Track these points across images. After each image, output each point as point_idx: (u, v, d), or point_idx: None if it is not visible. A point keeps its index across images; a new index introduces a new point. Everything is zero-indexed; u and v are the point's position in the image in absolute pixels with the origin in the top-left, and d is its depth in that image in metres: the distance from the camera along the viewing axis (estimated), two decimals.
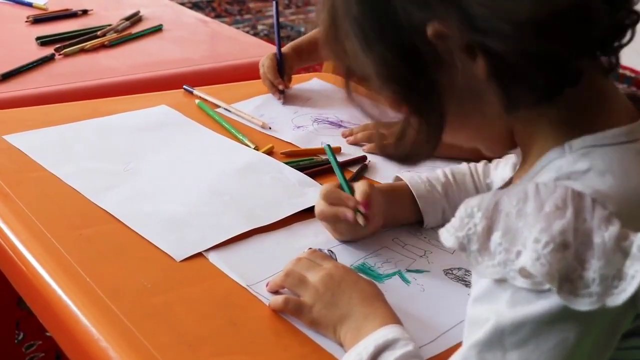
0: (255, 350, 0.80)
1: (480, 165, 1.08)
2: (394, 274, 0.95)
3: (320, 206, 0.98)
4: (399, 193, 1.04)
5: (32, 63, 1.56)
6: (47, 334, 1.76)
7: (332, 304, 0.82)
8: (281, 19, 4.40)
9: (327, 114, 1.42)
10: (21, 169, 1.11)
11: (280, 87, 1.44)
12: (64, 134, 1.23)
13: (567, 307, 0.57)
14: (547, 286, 0.57)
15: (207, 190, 1.09)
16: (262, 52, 1.87)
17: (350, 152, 1.28)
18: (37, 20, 1.80)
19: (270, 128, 1.34)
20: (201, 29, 1.96)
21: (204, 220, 1.02)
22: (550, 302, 0.58)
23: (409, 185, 1.04)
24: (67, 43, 1.67)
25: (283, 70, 1.45)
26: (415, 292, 0.92)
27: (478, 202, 0.61)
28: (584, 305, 0.56)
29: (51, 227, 0.97)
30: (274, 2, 1.51)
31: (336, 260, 0.91)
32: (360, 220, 0.95)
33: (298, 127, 1.36)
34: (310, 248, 0.92)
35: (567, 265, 0.56)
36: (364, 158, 1.26)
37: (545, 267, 0.56)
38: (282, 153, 1.25)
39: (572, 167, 0.62)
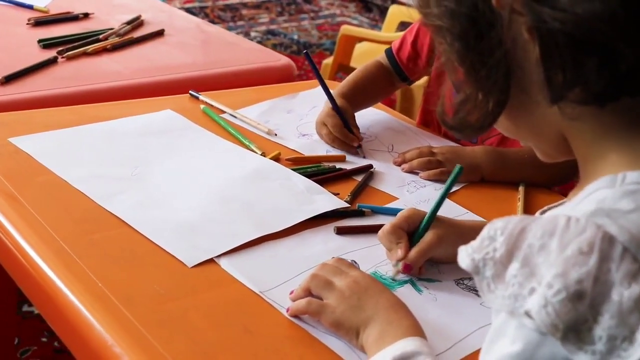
0: (270, 358, 0.80)
1: None
2: (405, 282, 0.95)
3: (382, 232, 0.98)
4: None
5: (34, 66, 1.54)
6: (43, 339, 1.75)
7: (357, 307, 0.82)
8: (274, 26, 4.39)
9: None
10: (28, 172, 1.10)
11: (355, 143, 1.32)
12: (70, 137, 1.22)
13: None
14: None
15: (216, 196, 1.09)
16: (263, 58, 1.87)
17: (354, 161, 1.28)
18: (38, 23, 1.79)
19: (276, 135, 1.33)
20: (201, 34, 1.95)
21: (214, 226, 1.01)
22: (554, 347, 0.54)
23: None
24: (69, 46, 1.66)
25: (348, 125, 1.32)
26: (427, 300, 0.92)
27: (503, 225, 0.57)
28: None
29: (60, 231, 0.96)
30: (306, 53, 1.37)
31: (359, 268, 0.91)
32: (393, 273, 0.95)
33: (303, 135, 1.36)
34: (333, 257, 0.92)
35: (578, 315, 0.52)
36: (369, 166, 1.26)
37: (550, 316, 0.52)
38: (287, 159, 1.25)
39: (615, 204, 0.56)
